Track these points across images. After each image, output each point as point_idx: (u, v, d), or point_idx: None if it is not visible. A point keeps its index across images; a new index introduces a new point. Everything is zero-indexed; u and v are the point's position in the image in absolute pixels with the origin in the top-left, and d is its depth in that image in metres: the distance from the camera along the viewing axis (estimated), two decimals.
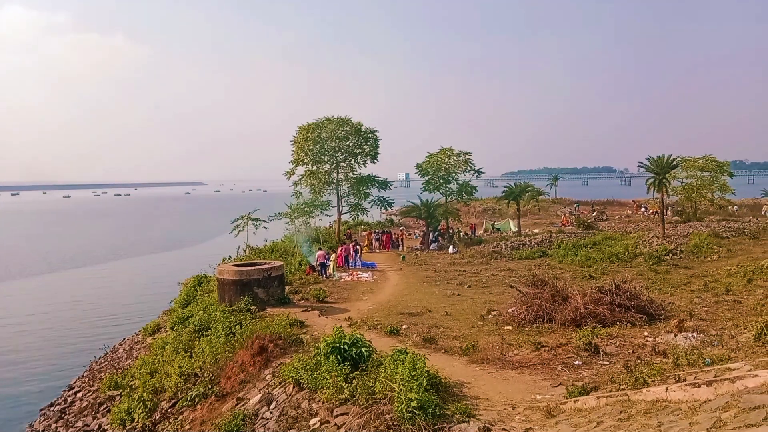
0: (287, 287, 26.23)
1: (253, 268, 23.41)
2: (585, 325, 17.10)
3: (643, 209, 70.97)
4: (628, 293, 18.99)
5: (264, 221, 41.95)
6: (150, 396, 18.09)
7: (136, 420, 17.44)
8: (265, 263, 24.81)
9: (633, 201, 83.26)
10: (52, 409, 21.88)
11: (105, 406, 20.51)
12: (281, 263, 25.09)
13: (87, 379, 24.45)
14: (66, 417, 20.74)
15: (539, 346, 15.39)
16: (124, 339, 30.40)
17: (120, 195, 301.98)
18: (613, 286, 19.25)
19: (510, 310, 20.25)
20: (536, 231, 52.52)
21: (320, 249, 33.90)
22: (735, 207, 66.47)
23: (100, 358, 27.57)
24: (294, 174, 48.04)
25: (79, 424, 19.75)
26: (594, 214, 68.26)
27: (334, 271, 31.30)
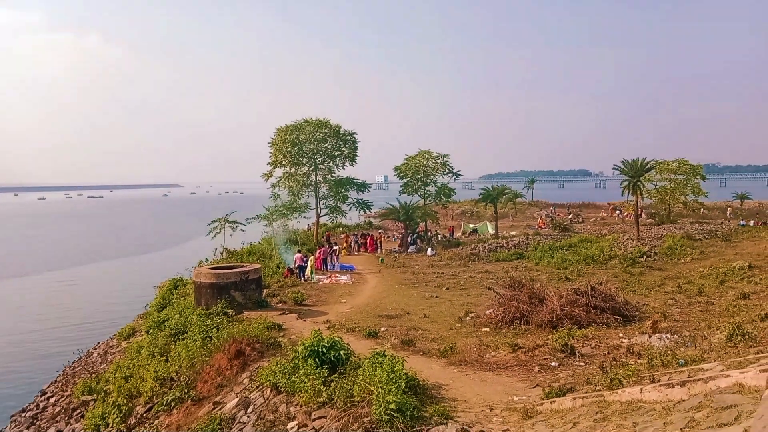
0: (265, 290, 26.04)
1: (230, 271, 23.20)
2: (561, 327, 17.24)
3: (618, 212, 72.04)
4: (604, 295, 19.21)
5: (241, 224, 41.67)
6: (125, 401, 17.79)
7: (110, 425, 17.13)
8: (242, 266, 24.61)
9: (608, 204, 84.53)
10: (23, 415, 21.38)
11: (79, 411, 20.11)
12: (259, 266, 24.89)
13: (60, 384, 23.95)
14: (38, 423, 20.29)
15: (516, 347, 15.48)
16: (99, 343, 29.87)
17: (94, 197, 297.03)
18: (589, 287, 19.45)
19: (487, 312, 20.35)
20: (513, 233, 52.96)
21: (298, 251, 33.73)
22: (703, 210, 67.71)
23: (73, 362, 27.06)
24: (272, 176, 47.75)
25: (52, 430, 19.34)
26: (570, 216, 69.08)
27: (312, 273, 31.18)
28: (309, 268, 31.67)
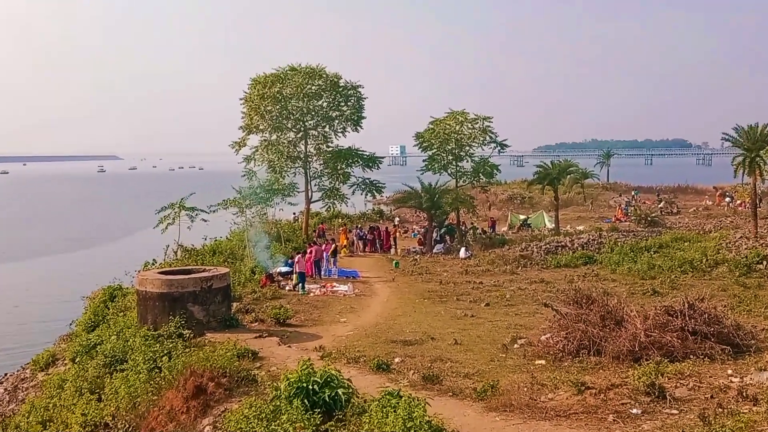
0: (235, 304, 26.13)
1: (186, 276, 23.29)
2: (646, 360, 17.17)
3: (728, 199, 71.52)
4: (706, 316, 19.06)
5: (202, 211, 41.71)
6: None
7: None
8: (203, 270, 24.69)
9: (714, 188, 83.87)
10: None
11: None
12: (227, 270, 24.93)
13: None
14: None
15: (583, 387, 15.45)
16: (6, 375, 30.19)
17: None
18: (686, 305, 19.31)
19: (543, 338, 20.32)
20: (580, 228, 52.77)
21: (297, 252, 33.95)
22: None
23: None
24: (245, 145, 47.85)
25: None
26: (660, 205, 68.69)
27: (299, 281, 31.27)
28: (296, 274, 31.78)
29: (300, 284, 30.88)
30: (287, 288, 31.42)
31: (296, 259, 31.87)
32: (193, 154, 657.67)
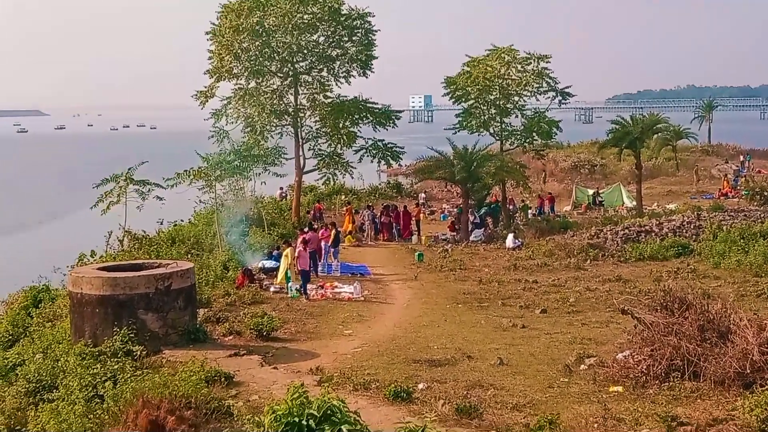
0: (202, 310, 26.28)
1: (136, 274, 23.39)
2: (761, 385, 17.18)
3: None
4: None
5: (157, 186, 41.77)
6: None
7: None
8: (158, 265, 24.82)
9: None
10: None
11: None
12: (190, 265, 25.08)
13: None
14: None
15: (675, 423, 15.49)
16: None
17: None
18: None
19: (620, 357, 20.35)
20: (671, 207, 52.62)
21: (285, 241, 34.08)
22: None
23: None
24: (213, 96, 47.87)
25: None
26: None
27: (289, 282, 31.42)
28: (282, 269, 31.86)
29: (302, 287, 30.81)
30: (272, 289, 31.52)
31: (298, 251, 31.68)
32: (144, 108, 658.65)
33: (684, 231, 40.59)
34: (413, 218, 47.06)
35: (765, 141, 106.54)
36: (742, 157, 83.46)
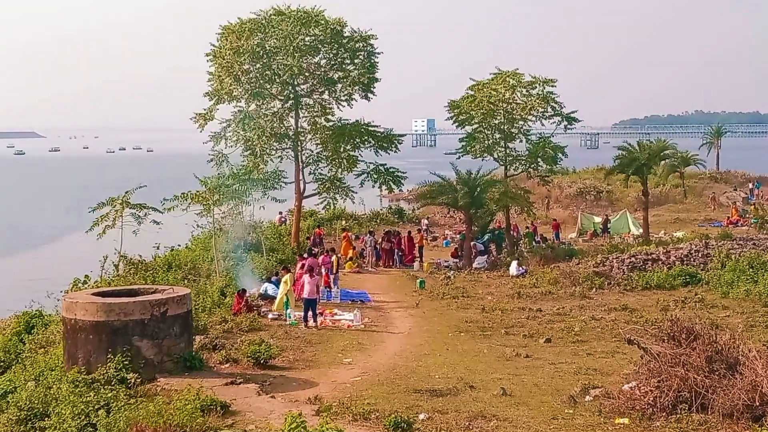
0: (198, 337, 26.15)
1: (132, 300, 23.27)
2: None
3: None
4: None
5: (154, 210, 41.67)
6: None
7: None
8: (154, 291, 24.69)
9: None
10: None
11: None
12: (187, 291, 24.89)
13: None
14: None
15: None
16: None
17: None
18: None
19: (626, 388, 20.23)
20: (679, 235, 52.47)
21: (285, 268, 33.70)
22: None
23: None
24: (212, 119, 47.87)
25: None
26: None
27: (287, 308, 31.26)
28: (281, 296, 31.71)
29: (311, 314, 30.35)
30: (270, 316, 31.39)
31: (307, 277, 31.18)
32: (142, 131, 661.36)
33: (692, 259, 40.49)
34: (415, 245, 47.07)
35: None
36: (751, 185, 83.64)
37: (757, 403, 17.85)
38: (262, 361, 24.28)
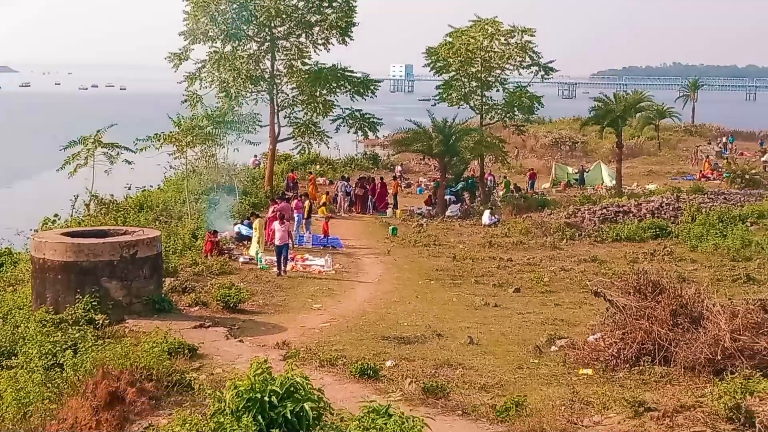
0: (168, 280, 26.30)
1: (101, 240, 23.36)
2: (731, 372, 17.25)
3: None
4: None
5: (126, 149, 41.55)
6: None
7: None
8: (124, 232, 24.78)
9: None
10: None
11: None
12: (157, 233, 25.01)
13: None
14: None
15: (642, 408, 15.55)
16: None
17: None
18: None
19: (591, 339, 20.50)
20: (651, 187, 52.88)
21: (254, 215, 33.78)
22: None
23: None
24: (187, 59, 47.56)
25: None
26: (764, 158, 68.66)
27: (258, 253, 31.41)
28: (254, 241, 31.81)
29: (283, 260, 30.34)
30: (241, 260, 31.52)
31: (277, 224, 31.13)
32: (115, 67, 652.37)
33: (663, 212, 40.75)
34: (389, 191, 47.05)
35: (749, 123, 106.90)
36: (725, 139, 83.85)
37: (719, 357, 18.01)
38: (231, 305, 24.41)
